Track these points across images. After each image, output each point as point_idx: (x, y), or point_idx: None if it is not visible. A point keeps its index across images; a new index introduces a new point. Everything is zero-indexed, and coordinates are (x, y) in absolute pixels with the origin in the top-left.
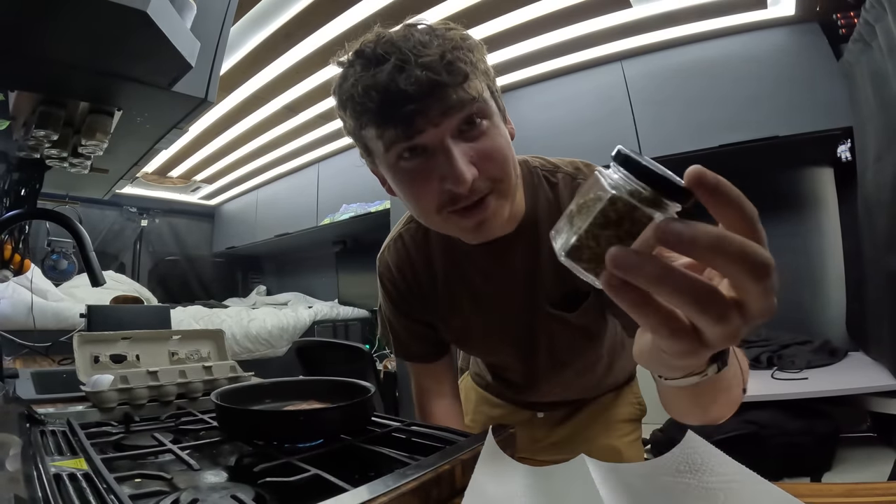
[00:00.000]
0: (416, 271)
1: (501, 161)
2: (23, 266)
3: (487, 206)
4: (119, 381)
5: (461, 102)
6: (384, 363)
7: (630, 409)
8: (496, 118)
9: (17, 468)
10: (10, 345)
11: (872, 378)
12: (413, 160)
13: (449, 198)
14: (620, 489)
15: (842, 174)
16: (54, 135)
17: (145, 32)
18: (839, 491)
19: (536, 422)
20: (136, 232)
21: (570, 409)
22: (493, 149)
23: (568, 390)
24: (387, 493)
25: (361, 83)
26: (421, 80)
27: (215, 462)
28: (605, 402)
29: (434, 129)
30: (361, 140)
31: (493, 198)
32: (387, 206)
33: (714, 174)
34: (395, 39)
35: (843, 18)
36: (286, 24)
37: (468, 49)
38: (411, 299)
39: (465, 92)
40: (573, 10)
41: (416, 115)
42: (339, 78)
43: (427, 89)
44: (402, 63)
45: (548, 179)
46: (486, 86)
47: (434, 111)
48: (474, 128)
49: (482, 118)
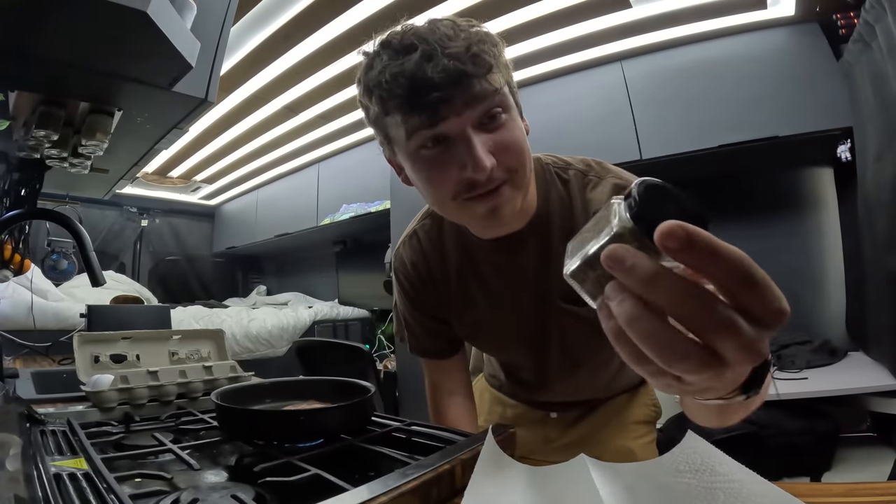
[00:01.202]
0: (430, 267)
1: (518, 152)
2: (23, 266)
3: (502, 194)
4: (119, 381)
5: (484, 93)
6: (384, 363)
7: (645, 410)
8: (514, 112)
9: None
10: (10, 345)
11: (872, 378)
12: (434, 149)
13: (466, 185)
14: (620, 489)
15: (842, 174)
16: (54, 135)
17: (145, 32)
18: (839, 491)
19: (550, 422)
20: (136, 232)
21: (583, 409)
22: (511, 140)
23: (581, 390)
24: (387, 492)
25: (389, 70)
26: (448, 69)
27: (215, 462)
28: (619, 403)
29: (457, 118)
30: (383, 127)
31: (507, 187)
32: (387, 206)
33: (687, 230)
34: (421, 31)
35: (843, 19)
36: (286, 24)
37: (491, 43)
38: (426, 295)
39: (489, 83)
40: (573, 11)
41: (442, 102)
42: (363, 66)
43: (453, 79)
44: (430, 53)
45: (560, 176)
46: (505, 80)
47: (458, 100)
48: (494, 120)
49: (502, 111)
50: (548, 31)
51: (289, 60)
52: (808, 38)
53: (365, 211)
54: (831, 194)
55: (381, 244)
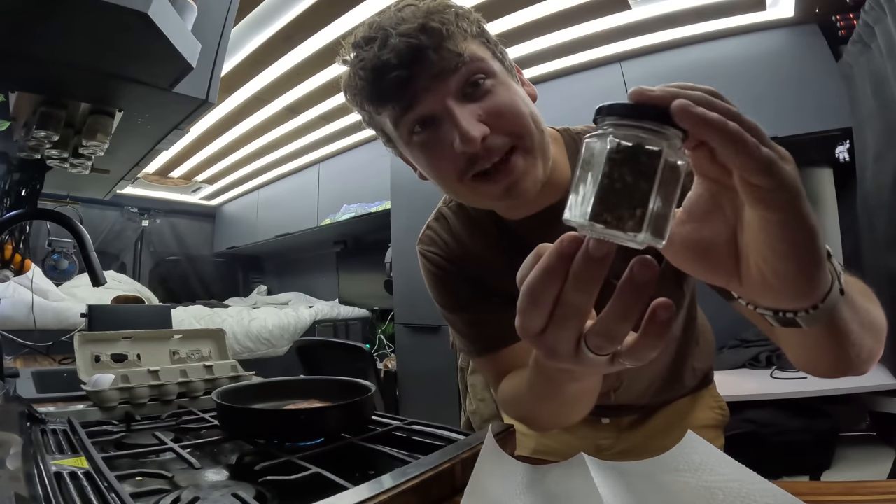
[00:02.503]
0: (462, 243)
1: (515, 115)
2: (23, 266)
3: (514, 167)
4: (120, 381)
5: (448, 63)
6: (384, 363)
7: (711, 413)
8: (503, 76)
9: (18, 466)
10: (10, 344)
11: (872, 377)
12: (423, 132)
13: (466, 162)
14: (620, 488)
15: (841, 174)
16: (55, 135)
17: (146, 34)
18: (838, 489)
19: (601, 427)
20: (137, 232)
21: (639, 414)
22: (502, 103)
23: (635, 385)
24: (387, 491)
25: (353, 69)
26: (399, 47)
27: (216, 461)
28: (681, 407)
29: (430, 94)
30: (379, 127)
31: (518, 156)
32: (387, 207)
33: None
34: (380, 20)
35: (843, 20)
36: (287, 25)
37: (454, 14)
38: (470, 266)
39: (450, 51)
40: (572, 12)
41: (404, 83)
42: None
43: (407, 56)
44: (385, 38)
45: None
46: (484, 46)
47: (423, 77)
48: (478, 88)
49: (485, 76)
50: (547, 33)
51: (289, 61)
52: (808, 39)
53: (365, 211)
54: (831, 194)
55: (381, 244)
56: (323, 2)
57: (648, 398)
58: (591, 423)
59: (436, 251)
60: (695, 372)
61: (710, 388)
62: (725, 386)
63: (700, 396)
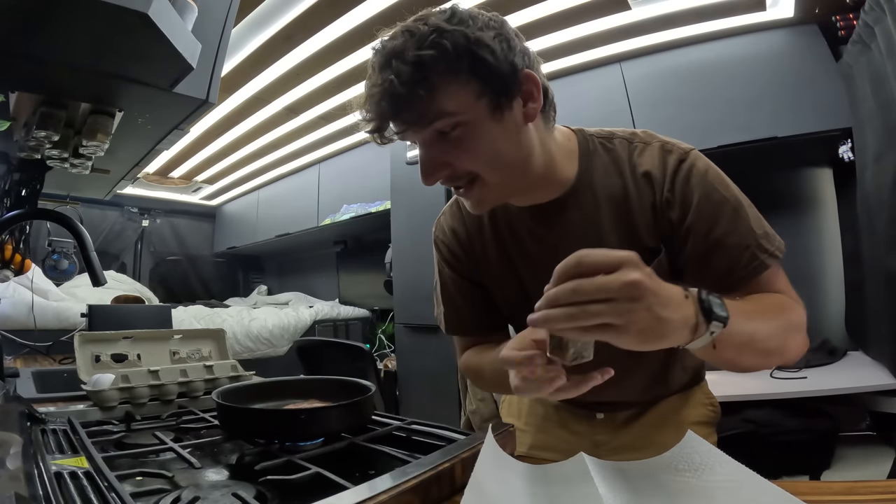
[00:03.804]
0: (469, 233)
1: (474, 160)
2: (23, 266)
3: (473, 195)
4: (120, 381)
5: (421, 118)
6: (384, 362)
7: (703, 410)
8: (478, 119)
9: (18, 466)
10: (10, 344)
11: (871, 377)
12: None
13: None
14: (620, 487)
15: (841, 174)
16: (55, 136)
17: (146, 34)
18: (838, 489)
19: (597, 423)
20: (137, 232)
21: (633, 410)
22: (465, 151)
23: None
24: (387, 490)
25: (366, 89)
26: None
27: (216, 460)
28: (674, 404)
29: (410, 132)
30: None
31: (475, 188)
32: (387, 207)
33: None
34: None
35: (843, 20)
36: (287, 26)
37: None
38: (468, 262)
39: (428, 108)
40: (572, 12)
41: (388, 119)
42: None
43: (393, 105)
44: (386, 76)
45: (604, 145)
46: (469, 84)
47: (399, 121)
48: (447, 136)
49: (452, 129)
50: (547, 33)
51: (290, 62)
52: (808, 39)
53: (365, 211)
54: (831, 194)
55: (381, 244)
56: (323, 2)
57: (640, 395)
58: (587, 418)
59: (441, 237)
60: (685, 370)
61: (702, 385)
62: (725, 386)
63: (692, 393)
